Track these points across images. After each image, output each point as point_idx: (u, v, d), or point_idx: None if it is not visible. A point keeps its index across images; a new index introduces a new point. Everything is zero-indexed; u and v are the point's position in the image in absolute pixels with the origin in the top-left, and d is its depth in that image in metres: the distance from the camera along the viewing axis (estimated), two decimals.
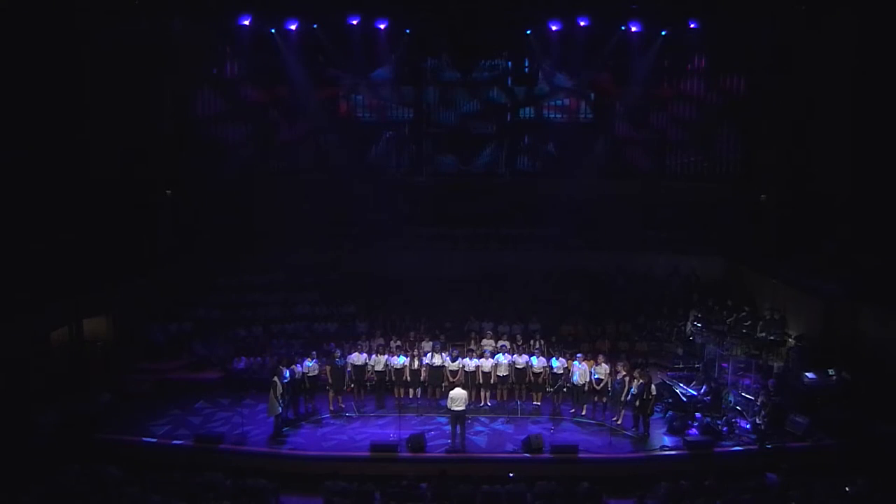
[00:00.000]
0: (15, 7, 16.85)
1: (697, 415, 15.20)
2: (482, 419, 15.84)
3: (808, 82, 21.32)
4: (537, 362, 16.44)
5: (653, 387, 14.96)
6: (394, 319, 20.07)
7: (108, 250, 19.00)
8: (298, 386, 15.77)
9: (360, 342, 17.39)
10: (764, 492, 11.89)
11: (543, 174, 24.86)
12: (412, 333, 18.58)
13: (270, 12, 22.61)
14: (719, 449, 14.10)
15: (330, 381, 16.23)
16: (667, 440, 14.69)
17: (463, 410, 14.33)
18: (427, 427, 15.09)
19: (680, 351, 18.76)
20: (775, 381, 15.81)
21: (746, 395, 15.60)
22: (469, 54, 24.49)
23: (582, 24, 22.71)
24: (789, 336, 18.22)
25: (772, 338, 18.20)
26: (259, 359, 18.05)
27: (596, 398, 15.93)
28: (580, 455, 13.74)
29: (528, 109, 25.11)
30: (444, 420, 15.23)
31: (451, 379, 16.05)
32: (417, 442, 13.98)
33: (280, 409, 14.78)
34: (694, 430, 14.69)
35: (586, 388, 15.81)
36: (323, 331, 19.92)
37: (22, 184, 17.07)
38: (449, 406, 14.41)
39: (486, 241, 23.66)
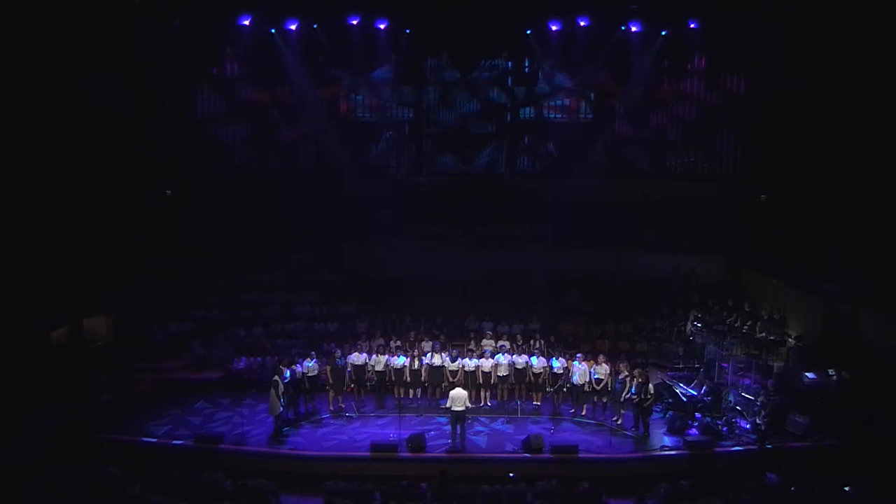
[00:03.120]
0: (15, 7, 16.85)
1: (697, 415, 15.21)
2: (482, 419, 15.81)
3: (808, 82, 21.30)
4: (537, 362, 16.44)
5: (650, 387, 14.94)
6: (394, 319, 20.06)
7: (108, 250, 19.00)
8: (298, 386, 15.77)
9: (360, 342, 17.36)
10: (764, 492, 11.87)
11: (543, 174, 24.82)
12: (412, 333, 18.57)
13: (270, 12, 22.65)
14: (719, 449, 14.10)
15: (330, 381, 16.22)
16: (667, 440, 14.68)
17: (463, 410, 14.30)
18: (427, 427, 15.08)
19: (680, 351, 18.72)
20: (775, 381, 15.80)
21: (746, 395, 15.59)
22: (469, 54, 24.44)
23: (582, 24, 22.77)
24: (789, 336, 18.21)
25: (772, 338, 18.16)
26: (259, 359, 18.04)
27: (596, 398, 15.92)
28: (580, 455, 13.74)
29: (528, 109, 25.06)
30: (444, 420, 15.22)
31: (451, 379, 16.05)
32: (417, 442, 13.97)
33: (281, 408, 14.78)
34: (694, 430, 14.69)
35: (586, 388, 15.80)
36: (323, 331, 19.93)
37: (22, 184, 17.06)
38: (449, 406, 14.40)
39: (486, 241, 23.59)
